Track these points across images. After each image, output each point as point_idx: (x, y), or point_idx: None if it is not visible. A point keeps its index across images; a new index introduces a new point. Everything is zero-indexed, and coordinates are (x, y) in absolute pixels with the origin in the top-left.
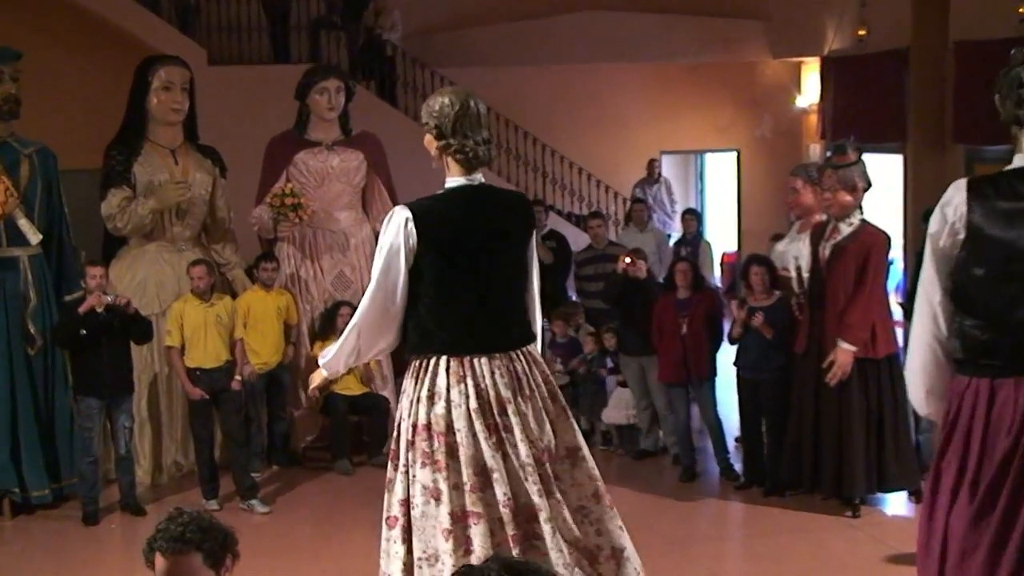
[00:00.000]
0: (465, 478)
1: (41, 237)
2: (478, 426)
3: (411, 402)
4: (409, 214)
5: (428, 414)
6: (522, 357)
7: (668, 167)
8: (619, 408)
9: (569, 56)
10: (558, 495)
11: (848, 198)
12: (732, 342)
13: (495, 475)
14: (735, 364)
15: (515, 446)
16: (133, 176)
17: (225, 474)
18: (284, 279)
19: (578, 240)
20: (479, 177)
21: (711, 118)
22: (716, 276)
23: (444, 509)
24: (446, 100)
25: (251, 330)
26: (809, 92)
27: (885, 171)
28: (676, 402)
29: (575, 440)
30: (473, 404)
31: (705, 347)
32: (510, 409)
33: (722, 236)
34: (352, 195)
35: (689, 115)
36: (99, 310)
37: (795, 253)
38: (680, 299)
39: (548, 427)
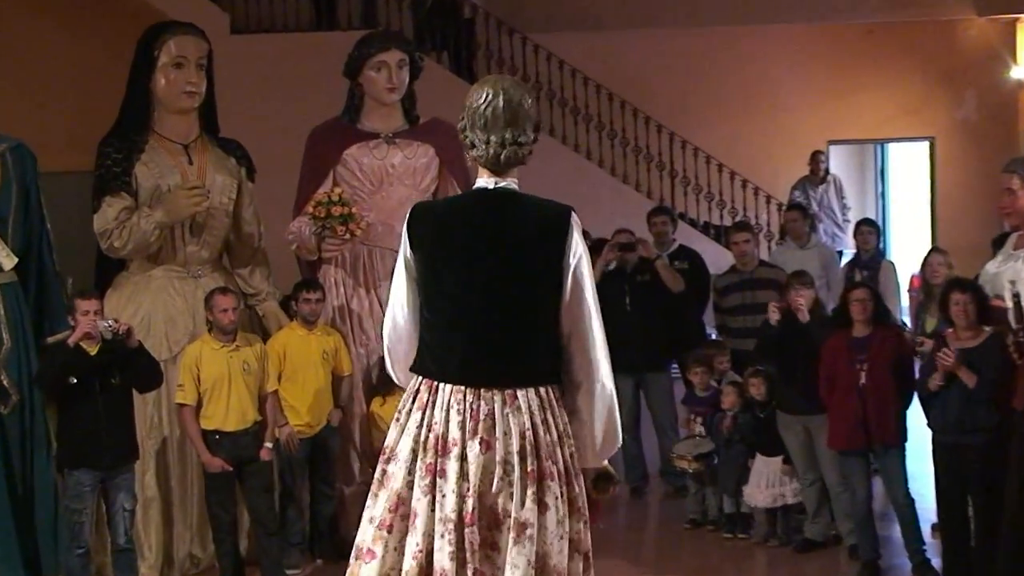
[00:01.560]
0: (379, 513)
1: (16, 260)
2: (418, 463)
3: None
4: (409, 212)
5: (388, 436)
6: (503, 399)
7: (838, 162)
8: (763, 484)
9: (705, 17)
10: (475, 566)
11: None
12: (926, 396)
13: (416, 521)
14: (930, 425)
15: (443, 495)
16: (134, 180)
17: (254, 571)
18: (331, 314)
19: (718, 260)
20: (506, 181)
21: (896, 96)
22: (903, 307)
23: (357, 539)
24: (477, 89)
25: (288, 381)
26: None
27: None
28: (853, 476)
29: (529, 516)
30: (422, 436)
31: (891, 402)
32: (453, 452)
33: (911, 253)
34: (419, 201)
35: (866, 93)
36: (93, 340)
37: (1011, 276)
38: (857, 338)
39: (497, 486)
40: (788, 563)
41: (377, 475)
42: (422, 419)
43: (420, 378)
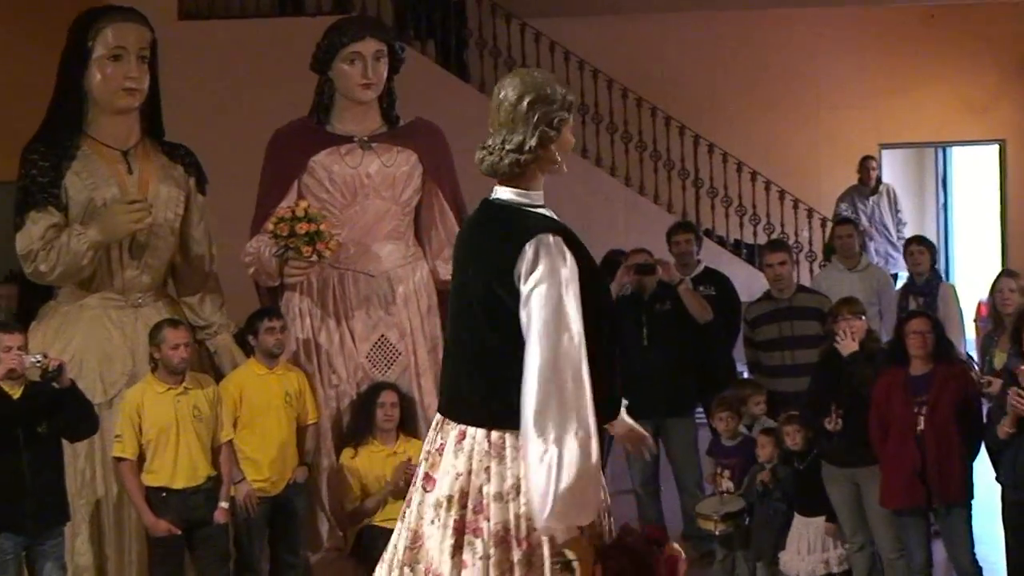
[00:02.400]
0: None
1: None
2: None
3: None
4: None
5: None
6: (455, 436)
7: (892, 170)
8: (803, 549)
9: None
10: None
11: None
12: (995, 445)
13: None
14: (1000, 480)
15: (400, 531)
16: (64, 193)
17: None
18: (296, 350)
19: (751, 284)
20: (506, 191)
21: (960, 92)
22: (968, 340)
23: None
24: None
25: (246, 429)
26: None
27: None
28: (910, 539)
29: (444, 570)
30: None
31: (955, 453)
32: (416, 483)
33: (978, 276)
34: (400, 217)
35: (925, 89)
36: (17, 380)
37: None
38: (915, 377)
39: (427, 530)
40: None
41: None
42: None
43: None
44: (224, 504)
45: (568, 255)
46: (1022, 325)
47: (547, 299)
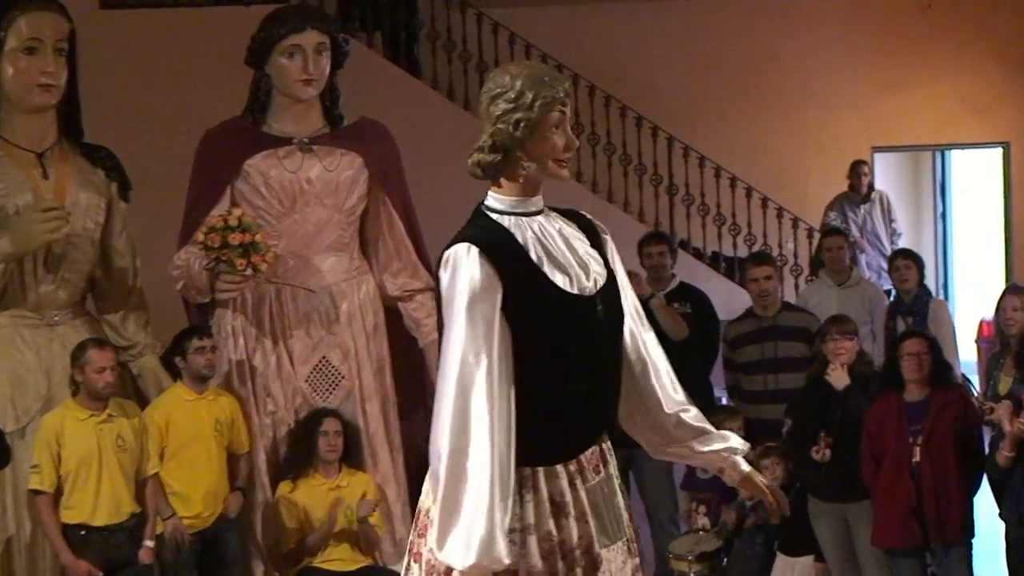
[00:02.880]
0: None
1: None
2: None
3: None
4: None
5: None
6: None
7: (885, 175)
8: None
9: None
10: None
11: None
12: (998, 477)
13: None
14: (1003, 516)
15: None
16: None
17: None
18: (228, 372)
19: (730, 301)
20: (488, 195)
21: (960, 90)
22: (968, 362)
23: None
24: None
25: (173, 460)
26: None
27: None
28: None
29: None
30: None
31: (954, 486)
32: None
33: (981, 292)
34: (343, 227)
35: (921, 87)
36: None
37: None
38: (910, 403)
39: None
40: None
41: None
42: None
43: None
44: (149, 543)
45: (478, 268)
46: None
47: (458, 316)
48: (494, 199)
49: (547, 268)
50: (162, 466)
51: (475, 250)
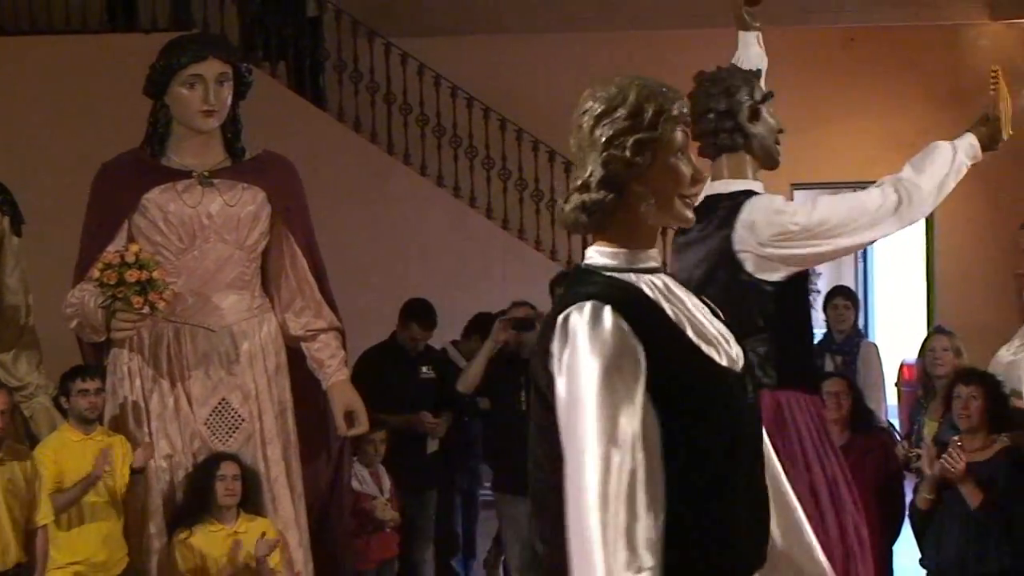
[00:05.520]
0: None
1: None
2: None
3: None
4: None
5: None
6: None
7: None
8: None
9: (624, 18)
10: None
11: None
12: (920, 523)
13: None
14: (924, 564)
15: None
16: None
17: None
18: (123, 414)
19: None
20: (591, 251)
21: (883, 125)
22: (891, 407)
23: None
24: None
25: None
26: None
27: None
28: None
29: None
30: None
31: (873, 536)
32: None
33: (901, 334)
34: (245, 264)
35: (844, 121)
36: None
37: None
38: None
39: None
40: None
41: None
42: None
43: None
44: None
45: (615, 333)
46: (951, 395)
47: (567, 408)
48: (601, 254)
49: (691, 334)
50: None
51: (607, 309)
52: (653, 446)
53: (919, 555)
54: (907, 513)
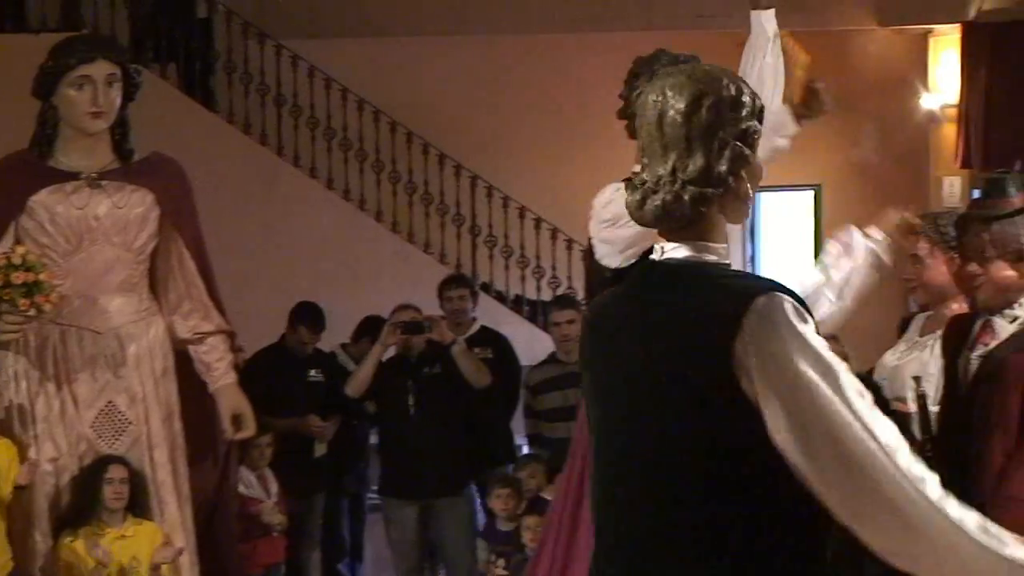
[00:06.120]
0: None
1: None
2: None
3: None
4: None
5: None
6: None
7: None
8: None
9: (512, 22)
10: None
11: (1009, 272)
12: None
13: None
14: None
15: None
16: None
17: None
18: (9, 417)
19: (533, 346)
20: (682, 248)
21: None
22: None
23: None
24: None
25: None
26: (944, 85)
27: None
28: None
29: None
30: None
31: None
32: None
33: None
34: (133, 266)
35: None
36: None
37: (916, 370)
38: None
39: None
40: None
41: None
42: None
43: None
44: None
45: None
46: None
47: (810, 375)
48: (716, 253)
49: None
50: None
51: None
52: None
53: None
54: None
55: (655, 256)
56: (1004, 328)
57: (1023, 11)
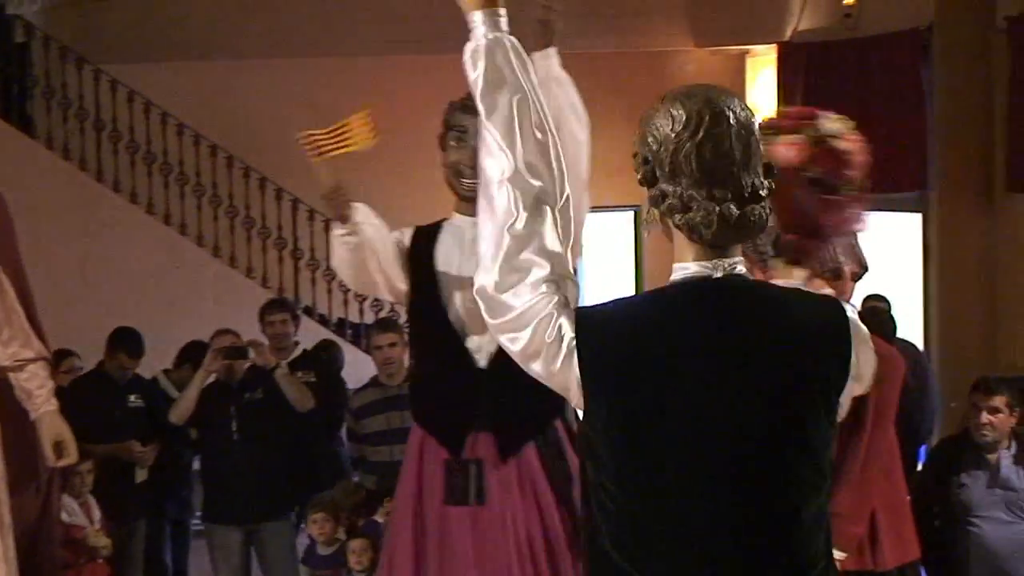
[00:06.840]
0: None
1: None
2: None
3: None
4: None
5: None
6: None
7: None
8: None
9: (333, 44)
10: None
11: (825, 289)
12: None
13: None
14: None
15: None
16: None
17: None
18: None
19: (357, 369)
20: (736, 263)
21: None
22: None
23: None
24: (669, 108)
25: None
26: (761, 103)
27: (897, 239)
28: None
29: None
30: None
31: None
32: None
33: None
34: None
35: None
36: None
37: None
38: None
39: None
40: None
41: None
42: None
43: None
44: None
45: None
46: None
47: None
48: (742, 264)
49: None
50: None
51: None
52: None
53: None
54: None
55: (712, 272)
56: None
57: (837, 31)
